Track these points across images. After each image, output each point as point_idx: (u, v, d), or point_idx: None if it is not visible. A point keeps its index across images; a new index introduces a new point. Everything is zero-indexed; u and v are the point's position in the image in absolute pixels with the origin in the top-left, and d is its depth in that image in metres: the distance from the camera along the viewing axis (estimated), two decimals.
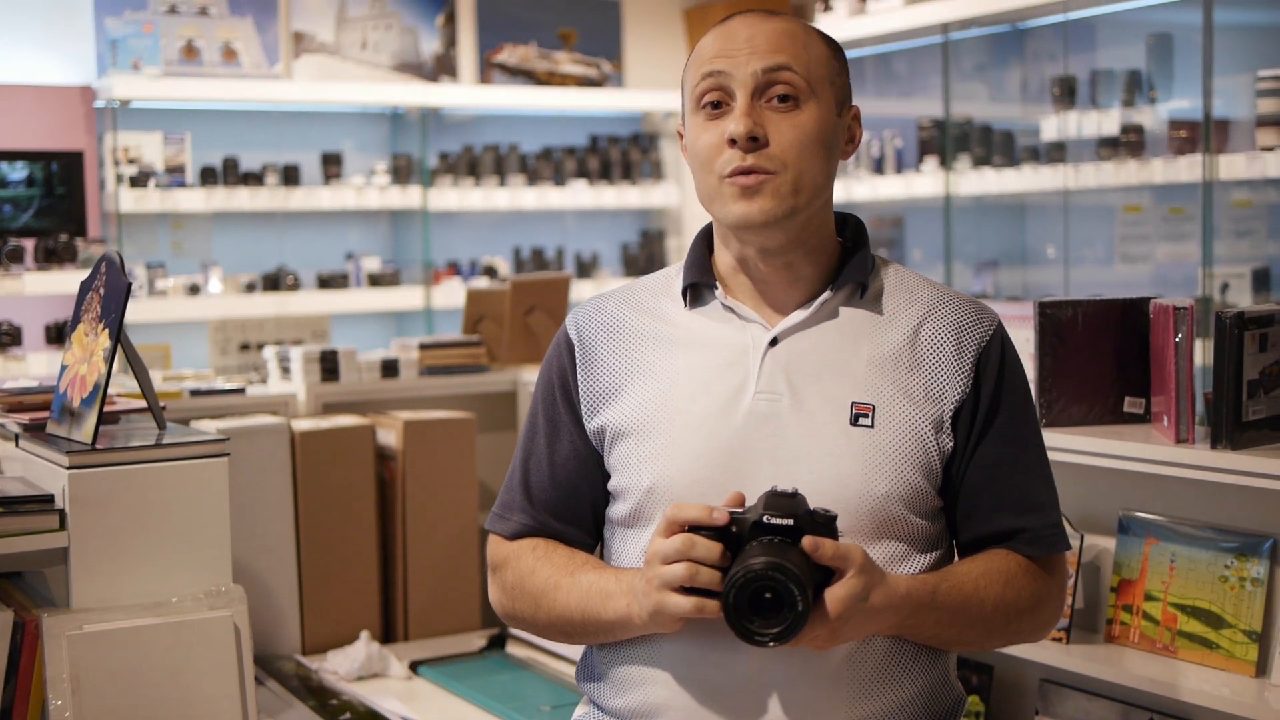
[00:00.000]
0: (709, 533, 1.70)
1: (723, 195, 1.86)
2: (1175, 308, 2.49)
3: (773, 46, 1.85)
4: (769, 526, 1.68)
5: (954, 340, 1.90)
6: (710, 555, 1.69)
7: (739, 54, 1.85)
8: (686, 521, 1.71)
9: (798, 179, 1.84)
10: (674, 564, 1.70)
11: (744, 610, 1.64)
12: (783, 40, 1.86)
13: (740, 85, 1.84)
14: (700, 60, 1.89)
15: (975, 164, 5.59)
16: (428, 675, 3.52)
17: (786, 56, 1.85)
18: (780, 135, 1.83)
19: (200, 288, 6.32)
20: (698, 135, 1.88)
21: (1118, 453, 2.55)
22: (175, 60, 6.41)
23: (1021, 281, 5.98)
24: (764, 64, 1.84)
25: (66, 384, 2.72)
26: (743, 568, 1.64)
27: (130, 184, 6.11)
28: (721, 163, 1.85)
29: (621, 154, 7.36)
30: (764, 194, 1.83)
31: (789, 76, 1.84)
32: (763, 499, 1.70)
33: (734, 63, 1.85)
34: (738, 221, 1.85)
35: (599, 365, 1.95)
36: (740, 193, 1.83)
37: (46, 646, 2.44)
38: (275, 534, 3.70)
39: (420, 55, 7.04)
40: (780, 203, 1.83)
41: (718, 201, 1.87)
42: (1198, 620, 2.54)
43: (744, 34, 1.87)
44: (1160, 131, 5.01)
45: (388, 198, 6.75)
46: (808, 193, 1.85)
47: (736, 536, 1.69)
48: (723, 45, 1.87)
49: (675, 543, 1.70)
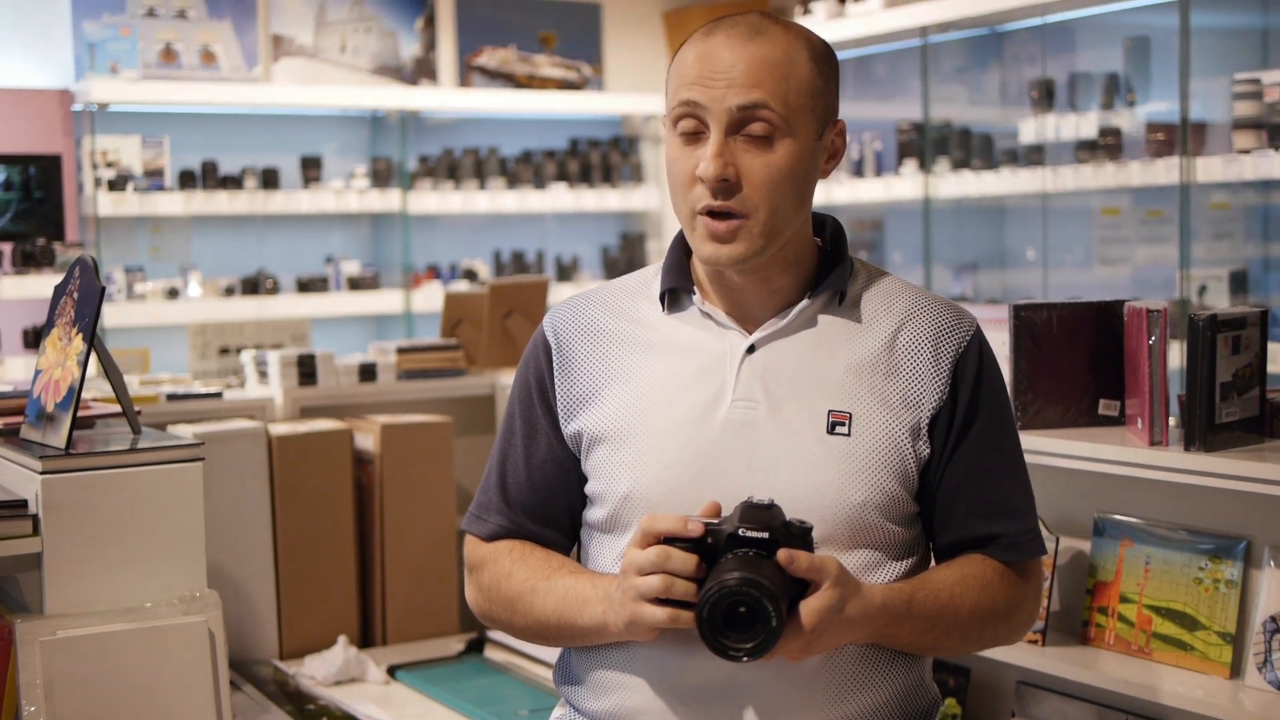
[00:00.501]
0: (684, 544, 1.69)
1: (695, 229, 1.85)
2: (1149, 310, 2.50)
3: (751, 79, 1.79)
4: (744, 539, 1.67)
5: (932, 345, 1.89)
6: (685, 567, 1.68)
7: (716, 84, 1.80)
8: (661, 533, 1.71)
9: (769, 220, 1.82)
10: (649, 575, 1.70)
11: (718, 625, 1.64)
12: (762, 72, 1.80)
13: (714, 120, 1.80)
14: (680, 78, 1.84)
15: (954, 167, 5.61)
16: (405, 680, 3.51)
17: (763, 93, 1.79)
18: (752, 175, 1.80)
19: (179, 291, 6.30)
20: (674, 155, 1.86)
21: (1092, 455, 2.56)
22: (154, 63, 6.39)
23: (1001, 284, 6.00)
24: (739, 100, 1.79)
25: (40, 388, 2.71)
26: (717, 583, 1.63)
27: (109, 187, 6.09)
28: (694, 196, 1.83)
29: (601, 157, 7.36)
30: (735, 240, 1.82)
31: (765, 114, 1.80)
32: (738, 510, 1.70)
33: (710, 94, 1.80)
34: (709, 260, 1.85)
35: (576, 369, 1.94)
36: (710, 235, 1.82)
37: (20, 652, 2.43)
38: (252, 538, 3.69)
39: (400, 58, 7.03)
40: (750, 246, 1.82)
41: (692, 232, 1.86)
42: (1172, 622, 2.55)
43: (725, 59, 1.81)
44: (1138, 134, 5.03)
45: (367, 201, 6.74)
46: (780, 231, 1.84)
47: (712, 548, 1.69)
48: (701, 70, 1.82)
49: (650, 554, 1.70)
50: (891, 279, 1.97)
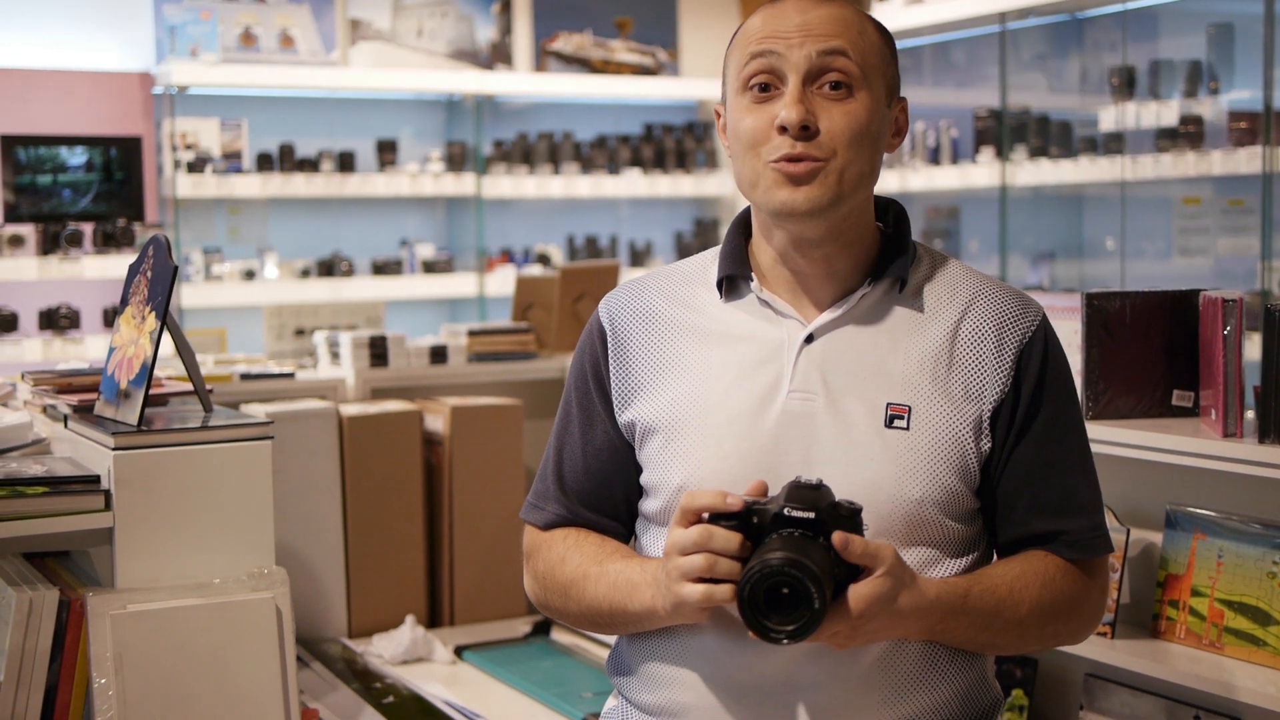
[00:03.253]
0: (728, 523, 1.65)
1: (766, 181, 1.79)
2: (1224, 300, 2.45)
3: (828, 30, 1.78)
4: (790, 519, 1.63)
5: (995, 334, 1.84)
6: (729, 546, 1.64)
7: (792, 36, 1.78)
8: (701, 509, 1.67)
9: (844, 168, 1.78)
10: (692, 555, 1.66)
11: (759, 605, 1.59)
12: (838, 25, 1.79)
13: (793, 69, 1.78)
14: (748, 39, 1.82)
15: (1032, 155, 5.54)
16: (472, 660, 3.53)
17: (842, 41, 1.78)
18: (832, 123, 1.77)
19: (256, 273, 6.37)
20: (741, 117, 1.82)
21: (1165, 446, 2.52)
22: (233, 47, 6.46)
23: (1078, 274, 5.92)
24: (819, 47, 1.77)
25: (114, 366, 2.74)
26: (760, 562, 1.59)
27: (188, 169, 6.17)
28: (769, 149, 1.78)
29: (676, 142, 7.35)
30: (811, 182, 1.77)
31: (843, 63, 1.78)
32: (785, 489, 1.66)
33: (787, 44, 1.78)
34: (780, 208, 1.79)
35: (631, 357, 1.91)
36: (786, 179, 1.77)
37: (91, 625, 2.46)
38: (323, 518, 3.72)
39: (476, 43, 7.06)
40: (825, 191, 1.77)
41: (760, 187, 1.80)
42: (1245, 617, 2.50)
43: (797, 16, 1.80)
44: (1220, 123, 4.94)
45: (442, 185, 6.77)
46: (852, 183, 1.79)
47: (758, 528, 1.64)
48: (774, 25, 1.80)
49: (693, 534, 1.65)
50: (955, 265, 1.92)
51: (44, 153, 5.74)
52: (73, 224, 5.67)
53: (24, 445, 2.81)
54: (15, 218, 5.68)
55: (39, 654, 2.46)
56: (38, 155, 5.73)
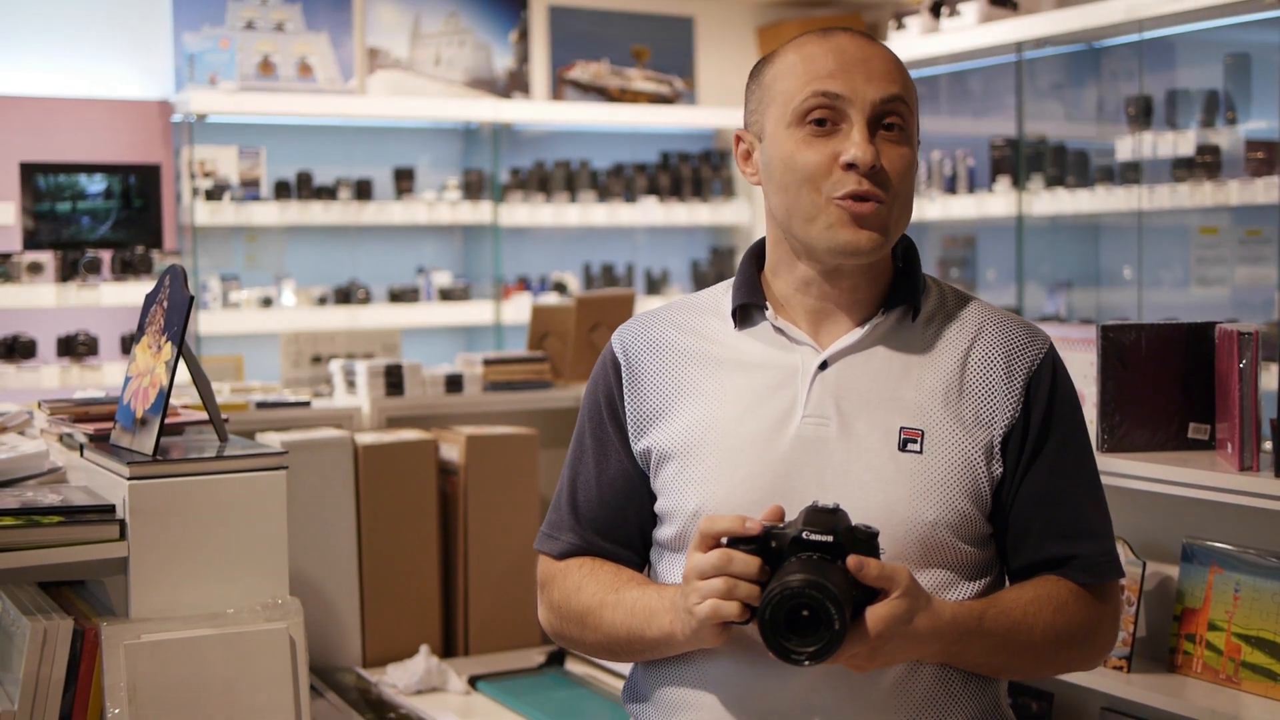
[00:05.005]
0: (747, 546, 1.67)
1: (829, 217, 1.81)
2: (1240, 333, 2.45)
3: (888, 75, 1.83)
4: (809, 543, 1.65)
5: (1004, 362, 1.87)
6: (749, 570, 1.66)
7: (855, 76, 1.81)
8: (721, 534, 1.69)
9: (900, 211, 1.84)
10: (711, 579, 1.67)
11: (780, 627, 1.62)
12: (893, 67, 1.84)
13: (858, 110, 1.80)
14: (808, 73, 1.83)
15: (1048, 184, 5.54)
16: (486, 690, 3.52)
17: (900, 88, 1.83)
18: (892, 164, 1.81)
19: (273, 300, 6.39)
20: (796, 150, 1.83)
21: (1181, 479, 2.50)
22: (252, 75, 6.49)
23: (1095, 303, 5.92)
24: (882, 94, 1.81)
25: (130, 394, 2.75)
26: (780, 584, 1.61)
27: (206, 197, 6.20)
28: (831, 184, 1.80)
29: (693, 171, 7.36)
30: (874, 223, 1.81)
31: (902, 109, 1.83)
32: (803, 514, 1.68)
33: (850, 85, 1.81)
34: (843, 247, 1.81)
35: (645, 386, 1.93)
36: (850, 219, 1.80)
37: (105, 655, 2.46)
38: (337, 546, 3.72)
39: (493, 71, 7.09)
40: (885, 232, 1.82)
41: (819, 223, 1.82)
42: (1262, 651, 2.49)
43: (856, 53, 1.83)
44: (1237, 152, 4.93)
45: (459, 213, 6.79)
46: (904, 223, 1.86)
47: (776, 552, 1.67)
48: (837, 62, 1.82)
49: (712, 558, 1.68)
50: (964, 296, 1.96)
51: (63, 180, 5.77)
52: (91, 251, 5.70)
53: (40, 474, 2.82)
54: (34, 244, 5.70)
55: (53, 683, 2.46)
56: (57, 182, 5.76)
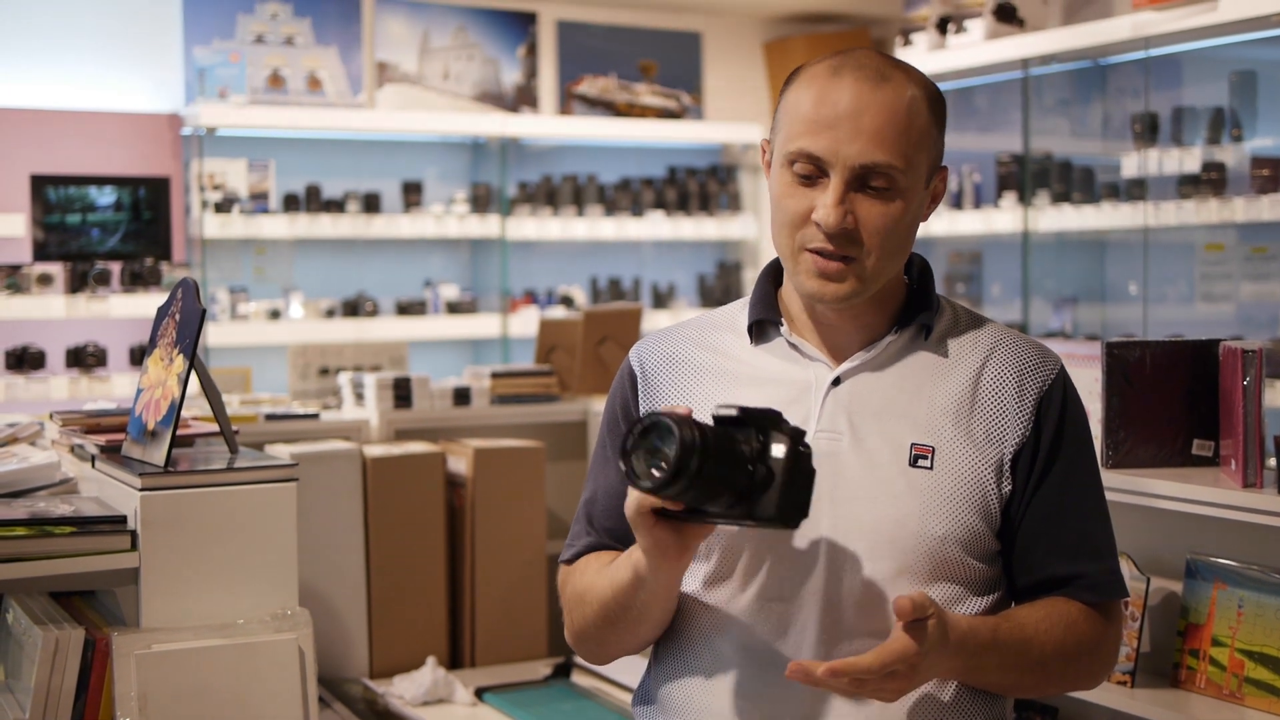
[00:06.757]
0: None
1: (802, 265, 1.84)
2: (1244, 351, 2.46)
3: (877, 135, 1.78)
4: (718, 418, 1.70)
5: (1016, 381, 1.89)
6: None
7: (840, 131, 1.78)
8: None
9: (876, 265, 1.83)
10: None
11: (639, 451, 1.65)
12: (887, 130, 1.79)
13: (837, 172, 1.79)
14: (801, 122, 1.82)
15: (1054, 200, 5.55)
16: (492, 702, 3.54)
17: (886, 154, 1.78)
18: (869, 223, 1.81)
19: (281, 313, 6.41)
20: (783, 193, 1.84)
21: (1185, 495, 2.52)
22: (261, 89, 6.52)
23: (1100, 319, 5.92)
24: (863, 160, 1.78)
25: (142, 406, 2.77)
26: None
27: (215, 210, 6.22)
28: (804, 235, 1.82)
29: (699, 186, 7.38)
30: (844, 281, 1.82)
31: (887, 172, 1.80)
32: None
33: (833, 142, 1.78)
34: (811, 295, 1.85)
35: (660, 399, 1.96)
36: (818, 272, 1.82)
37: (116, 664, 2.48)
38: (345, 558, 3.74)
39: (501, 86, 7.11)
40: (855, 287, 1.83)
41: (791, 265, 1.86)
42: (1265, 667, 2.50)
43: (851, 106, 1.79)
44: (1243, 169, 4.94)
45: (467, 226, 6.81)
46: (883, 276, 1.85)
47: None
48: (827, 112, 1.80)
49: None
50: (976, 316, 1.98)
51: (73, 192, 5.80)
52: (101, 263, 5.72)
53: (52, 484, 2.84)
54: (44, 256, 5.73)
55: (64, 692, 2.48)
56: (67, 195, 5.79)
